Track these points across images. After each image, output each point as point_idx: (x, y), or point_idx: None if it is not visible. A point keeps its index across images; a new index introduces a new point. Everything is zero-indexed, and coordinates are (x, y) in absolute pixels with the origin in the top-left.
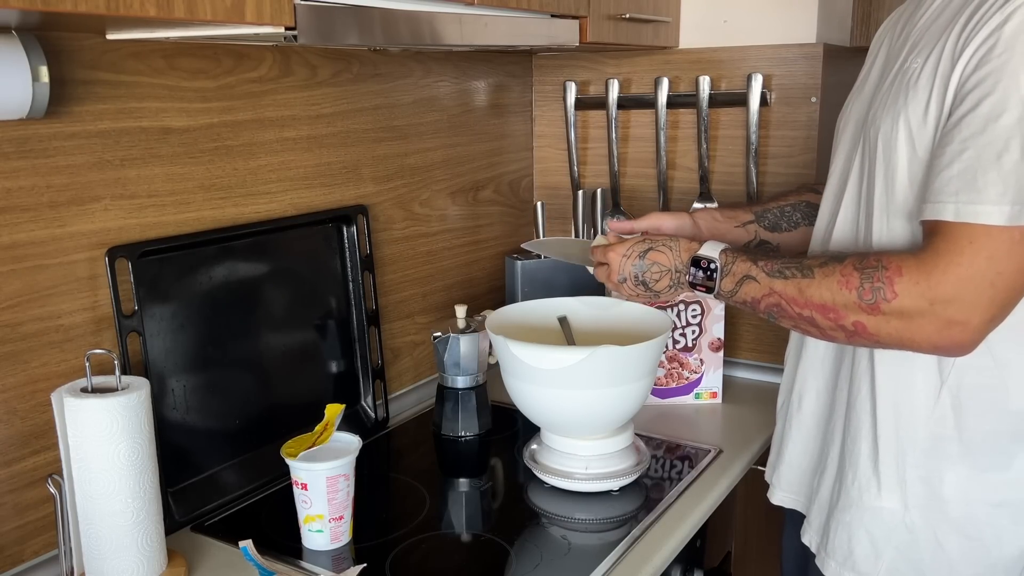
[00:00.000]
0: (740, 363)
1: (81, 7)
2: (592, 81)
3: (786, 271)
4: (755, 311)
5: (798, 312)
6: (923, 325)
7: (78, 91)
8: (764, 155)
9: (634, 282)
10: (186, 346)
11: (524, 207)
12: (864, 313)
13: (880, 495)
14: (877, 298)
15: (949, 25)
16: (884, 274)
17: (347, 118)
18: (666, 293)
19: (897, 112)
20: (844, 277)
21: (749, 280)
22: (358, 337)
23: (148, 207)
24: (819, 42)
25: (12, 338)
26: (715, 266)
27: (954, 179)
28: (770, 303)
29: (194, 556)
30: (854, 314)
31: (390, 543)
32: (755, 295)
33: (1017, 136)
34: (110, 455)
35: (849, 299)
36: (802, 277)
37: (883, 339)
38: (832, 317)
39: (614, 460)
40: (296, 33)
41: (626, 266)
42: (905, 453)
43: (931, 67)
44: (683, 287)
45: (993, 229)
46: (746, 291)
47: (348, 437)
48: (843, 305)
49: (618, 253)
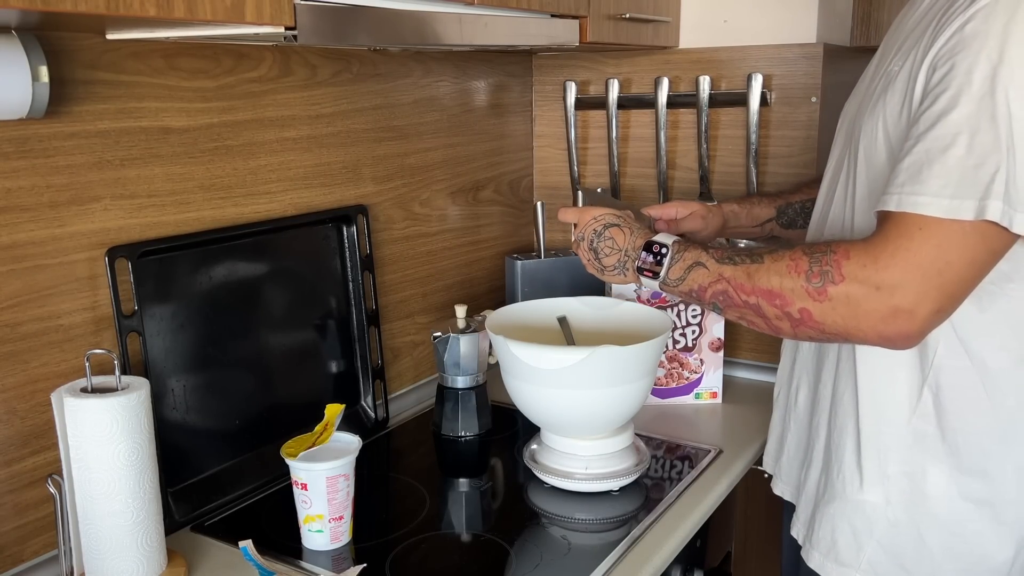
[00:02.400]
0: (740, 363)
1: (81, 7)
2: (592, 81)
3: (736, 258)
4: (700, 302)
5: (744, 299)
6: (869, 312)
7: (78, 91)
8: (764, 155)
9: (587, 247)
10: (186, 346)
11: (524, 207)
12: (811, 299)
13: (863, 489)
14: (824, 282)
15: (926, 28)
16: (832, 257)
17: (347, 118)
18: (610, 272)
19: (877, 114)
20: (793, 261)
21: (698, 267)
22: (358, 337)
23: (148, 207)
24: (819, 42)
25: (12, 338)
26: (666, 251)
27: (902, 171)
28: (717, 290)
29: (194, 556)
30: (800, 300)
31: (390, 543)
32: (703, 282)
33: (964, 131)
34: (110, 455)
35: (796, 284)
36: (751, 263)
37: (828, 328)
38: (778, 304)
39: (614, 460)
40: (296, 33)
41: (587, 230)
42: (888, 448)
43: (907, 70)
44: (629, 272)
45: (944, 222)
46: (694, 277)
47: (348, 437)
48: (790, 290)
49: (589, 215)
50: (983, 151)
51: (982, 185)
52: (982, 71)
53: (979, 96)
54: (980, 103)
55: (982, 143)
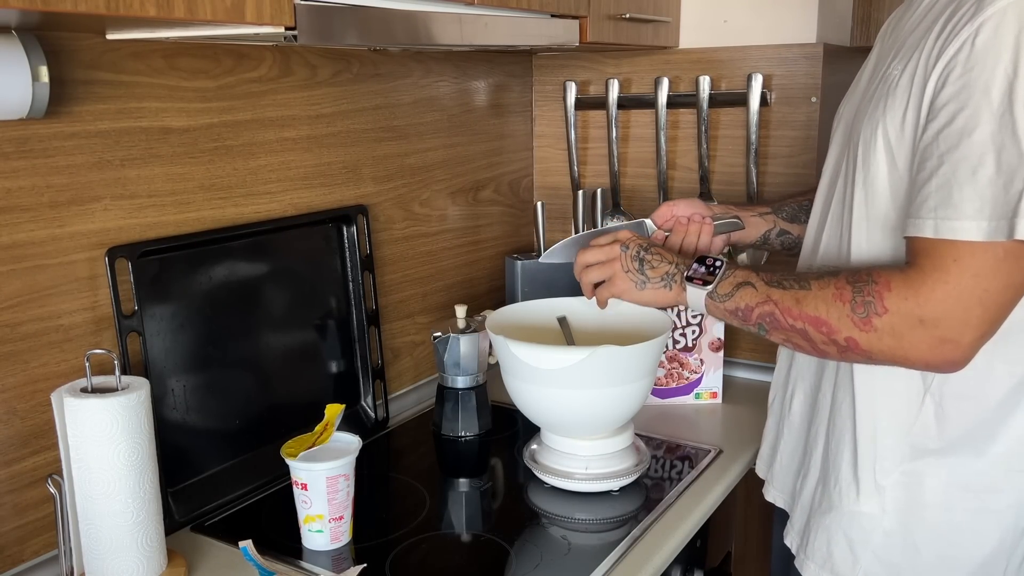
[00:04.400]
0: (740, 363)
1: (81, 7)
2: (592, 81)
3: (784, 282)
4: (744, 323)
5: (791, 324)
6: (915, 343)
7: (78, 91)
8: (764, 155)
9: (633, 255)
10: (186, 346)
11: (524, 207)
12: (856, 328)
13: (859, 500)
14: (869, 312)
15: (927, 32)
16: (874, 288)
17: (347, 118)
18: (653, 284)
19: (876, 120)
20: (838, 290)
21: (747, 286)
22: (358, 337)
23: (148, 207)
24: (819, 42)
25: (12, 338)
26: (720, 263)
27: (932, 195)
28: (764, 311)
29: (194, 556)
30: (847, 329)
31: (390, 543)
32: (750, 301)
33: (991, 150)
34: (110, 455)
35: (842, 313)
36: (799, 288)
37: (875, 356)
38: (825, 331)
39: (614, 460)
40: (296, 33)
41: (633, 243)
42: (885, 459)
43: (908, 76)
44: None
45: (977, 246)
46: (742, 296)
47: (348, 437)
48: (836, 319)
49: (632, 235)
50: (1010, 169)
51: (1011, 204)
52: (1000, 87)
53: (1000, 113)
54: (1001, 120)
55: (1008, 161)
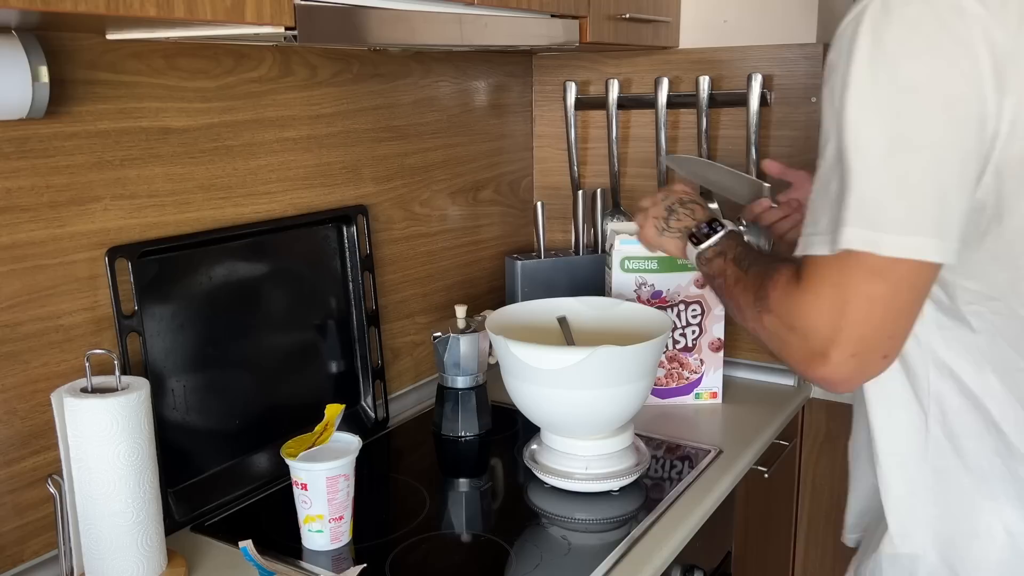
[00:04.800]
0: (740, 363)
1: (81, 7)
2: (592, 81)
3: (743, 261)
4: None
5: (726, 301)
6: (791, 349)
7: (78, 91)
8: (764, 155)
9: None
10: (186, 346)
11: (524, 207)
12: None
13: (894, 542)
14: (760, 308)
15: None
16: (768, 282)
17: (347, 118)
18: (669, 234)
19: None
20: (756, 279)
21: (722, 256)
22: (358, 337)
23: (148, 207)
24: (819, 42)
25: (12, 338)
26: (720, 229)
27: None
28: (717, 284)
29: (194, 556)
30: (752, 320)
31: (390, 543)
32: (716, 271)
33: (836, 166)
34: (110, 455)
35: (749, 302)
36: (742, 270)
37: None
38: (740, 316)
39: (614, 460)
40: (296, 33)
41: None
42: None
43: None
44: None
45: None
46: (715, 264)
47: (348, 437)
48: (745, 306)
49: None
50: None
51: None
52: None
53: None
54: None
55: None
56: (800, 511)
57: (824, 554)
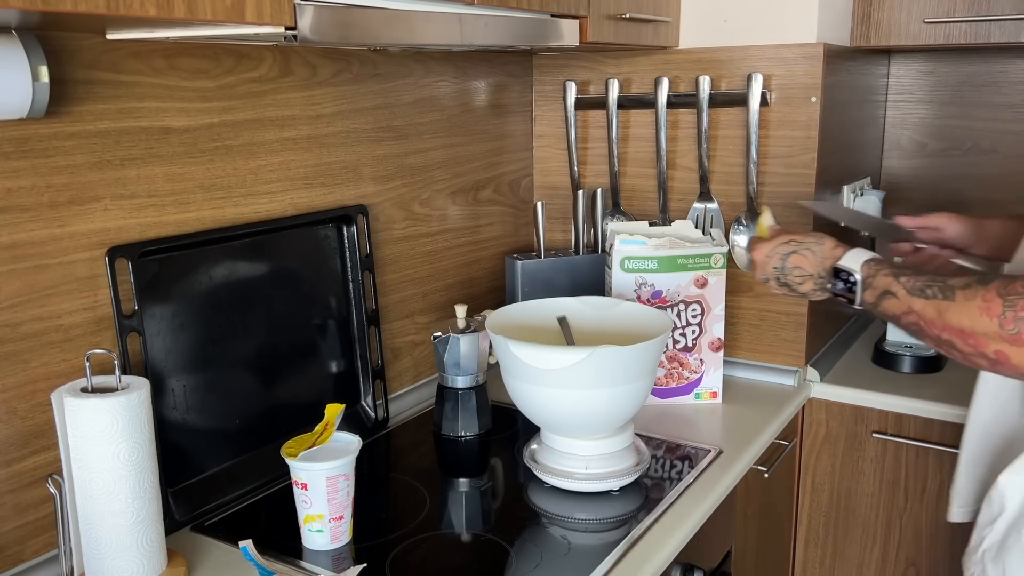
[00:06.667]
0: (740, 363)
1: (81, 7)
2: (592, 81)
3: (927, 290)
4: (897, 325)
5: (937, 335)
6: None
7: (78, 91)
8: (764, 155)
9: (777, 283)
10: (186, 346)
11: (524, 207)
12: (1007, 343)
13: None
14: (1020, 328)
15: None
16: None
17: (347, 118)
18: (812, 294)
19: None
20: (986, 303)
21: (889, 296)
22: (358, 337)
23: (148, 207)
24: (819, 42)
25: (12, 338)
26: (854, 279)
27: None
28: (909, 321)
29: (194, 556)
30: (995, 343)
31: (390, 543)
32: (895, 311)
33: None
34: (110, 455)
35: (989, 327)
36: (942, 299)
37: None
38: (972, 344)
39: (614, 460)
40: (296, 33)
41: (768, 267)
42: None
43: None
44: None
45: None
46: (887, 306)
47: (348, 437)
48: (983, 334)
49: (762, 252)
50: None
51: None
52: None
53: None
54: None
55: None
56: (800, 511)
57: (824, 554)
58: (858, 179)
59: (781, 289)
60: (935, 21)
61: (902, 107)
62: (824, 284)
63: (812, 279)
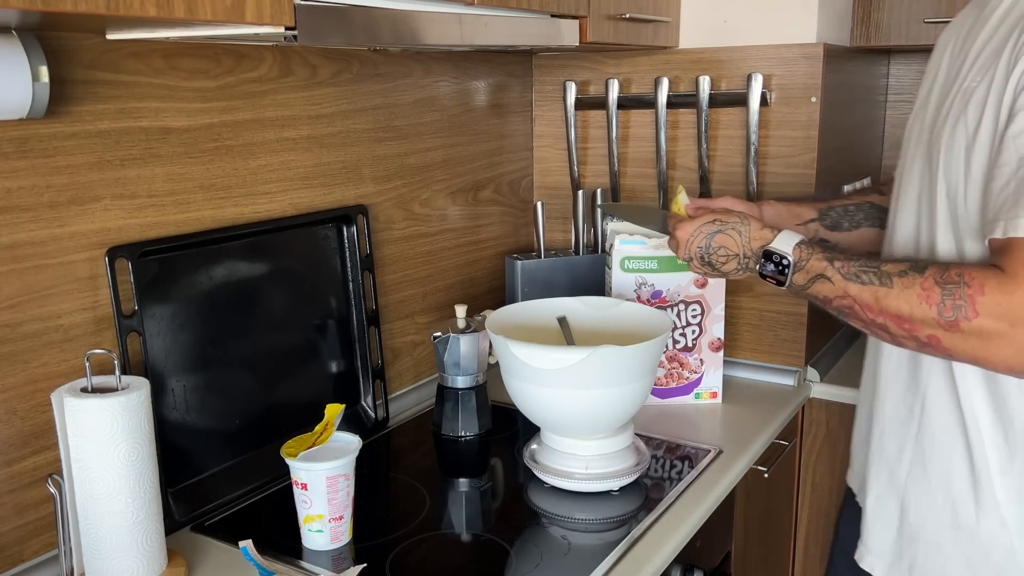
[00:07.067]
0: (740, 363)
1: (81, 7)
2: (592, 81)
3: (863, 276)
4: (825, 308)
5: (871, 319)
6: (1001, 346)
7: (78, 91)
8: (764, 155)
9: (700, 262)
10: (186, 346)
11: (524, 207)
12: (941, 329)
13: (977, 515)
14: (958, 316)
15: (1004, 43)
16: (966, 291)
17: (347, 118)
18: (734, 274)
19: (957, 132)
20: (925, 291)
21: (823, 280)
22: (358, 337)
23: (148, 207)
24: (819, 42)
25: (12, 338)
26: (788, 261)
27: (1009, 197)
28: (843, 304)
29: (194, 556)
30: (930, 328)
31: (390, 543)
32: (827, 294)
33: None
34: (110, 455)
35: (928, 314)
36: (879, 285)
37: (956, 355)
38: (907, 328)
39: (614, 460)
40: (296, 33)
41: (692, 245)
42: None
43: (984, 87)
44: (751, 271)
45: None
46: (819, 288)
47: (348, 437)
48: (920, 320)
49: (686, 231)
50: None
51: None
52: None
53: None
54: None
55: None
56: (800, 511)
57: (824, 554)
58: (858, 179)
59: (704, 268)
60: (935, 21)
61: (902, 107)
62: (749, 264)
63: (737, 259)
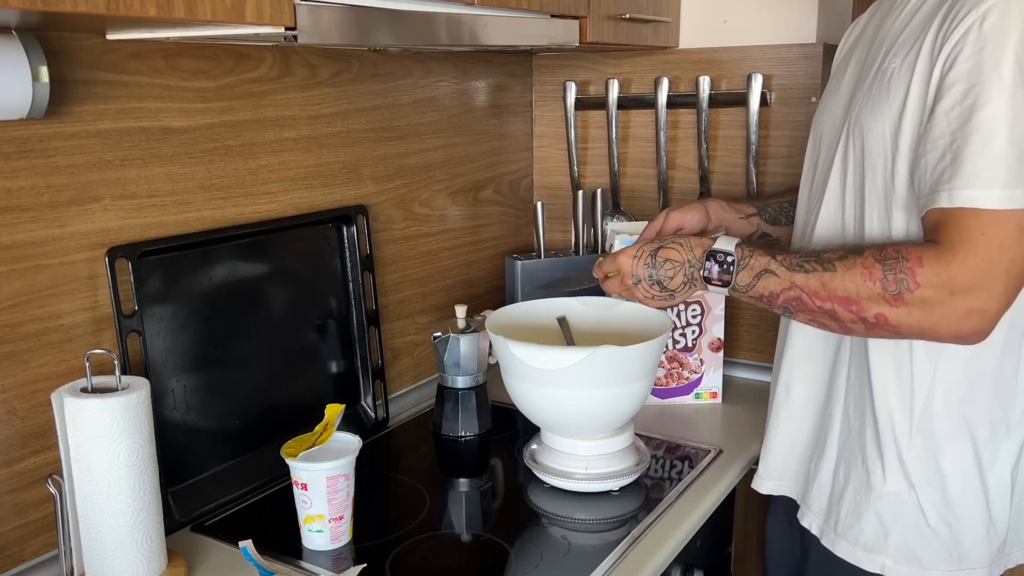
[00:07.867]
0: (740, 363)
1: (81, 7)
2: (592, 81)
3: (806, 265)
4: (770, 306)
5: (819, 306)
6: (944, 315)
7: (78, 91)
8: (764, 155)
9: (648, 282)
10: (186, 346)
11: (524, 207)
12: (887, 304)
13: (884, 476)
14: (900, 288)
15: (925, 25)
16: (905, 264)
17: (347, 118)
18: (681, 291)
19: (881, 111)
20: (866, 269)
21: (768, 274)
22: (358, 337)
23: (148, 207)
24: (819, 42)
25: (12, 338)
26: (732, 259)
27: (947, 168)
28: (790, 297)
29: (194, 556)
30: (876, 306)
31: (390, 543)
32: (774, 289)
33: (1003, 124)
34: (110, 455)
35: (873, 291)
36: (823, 271)
37: (904, 330)
38: (854, 309)
39: (614, 460)
40: (296, 33)
41: (638, 267)
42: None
43: (908, 66)
44: (697, 283)
45: (1001, 216)
46: (764, 285)
47: (348, 437)
48: (867, 297)
49: (628, 256)
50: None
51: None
52: (1010, 65)
53: (1012, 89)
54: (1013, 96)
55: (1020, 134)
56: None
57: None
58: None
59: (652, 290)
60: None
61: None
62: (695, 272)
63: (683, 268)
